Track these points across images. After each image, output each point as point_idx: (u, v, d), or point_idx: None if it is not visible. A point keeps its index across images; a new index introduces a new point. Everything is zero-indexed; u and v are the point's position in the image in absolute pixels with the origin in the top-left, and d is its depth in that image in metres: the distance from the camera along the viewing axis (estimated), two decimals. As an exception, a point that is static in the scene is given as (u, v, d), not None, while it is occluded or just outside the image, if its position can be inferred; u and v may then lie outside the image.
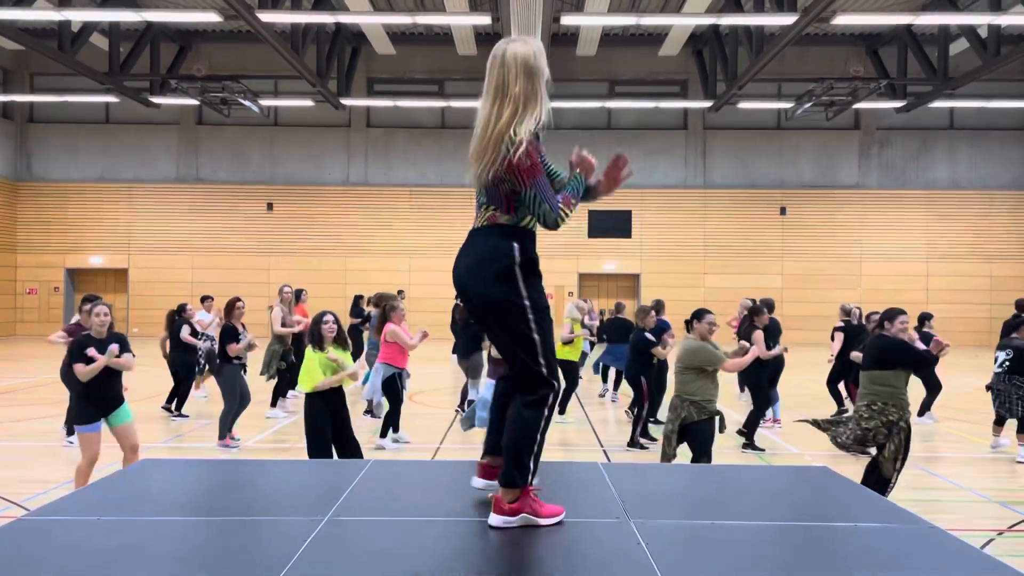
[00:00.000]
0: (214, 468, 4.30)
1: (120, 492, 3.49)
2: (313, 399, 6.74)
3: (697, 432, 6.62)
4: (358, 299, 15.75)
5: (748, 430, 9.31)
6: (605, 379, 13.59)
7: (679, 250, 25.88)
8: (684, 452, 6.72)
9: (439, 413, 9.52)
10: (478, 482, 3.19)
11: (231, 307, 9.39)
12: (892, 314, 6.42)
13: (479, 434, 10.15)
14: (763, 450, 9.20)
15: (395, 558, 2.66)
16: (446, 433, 9.55)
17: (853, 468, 8.03)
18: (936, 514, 6.42)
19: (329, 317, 6.98)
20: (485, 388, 6.29)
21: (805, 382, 14.04)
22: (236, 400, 9.08)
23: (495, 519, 2.90)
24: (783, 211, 25.93)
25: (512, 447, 2.92)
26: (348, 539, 2.84)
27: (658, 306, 11.02)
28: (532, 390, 2.92)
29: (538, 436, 2.93)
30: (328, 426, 6.73)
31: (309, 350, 6.85)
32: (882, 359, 6.22)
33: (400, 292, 14.83)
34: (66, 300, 26.16)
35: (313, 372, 6.73)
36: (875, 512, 3.27)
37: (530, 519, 2.90)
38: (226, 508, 3.29)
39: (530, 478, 2.93)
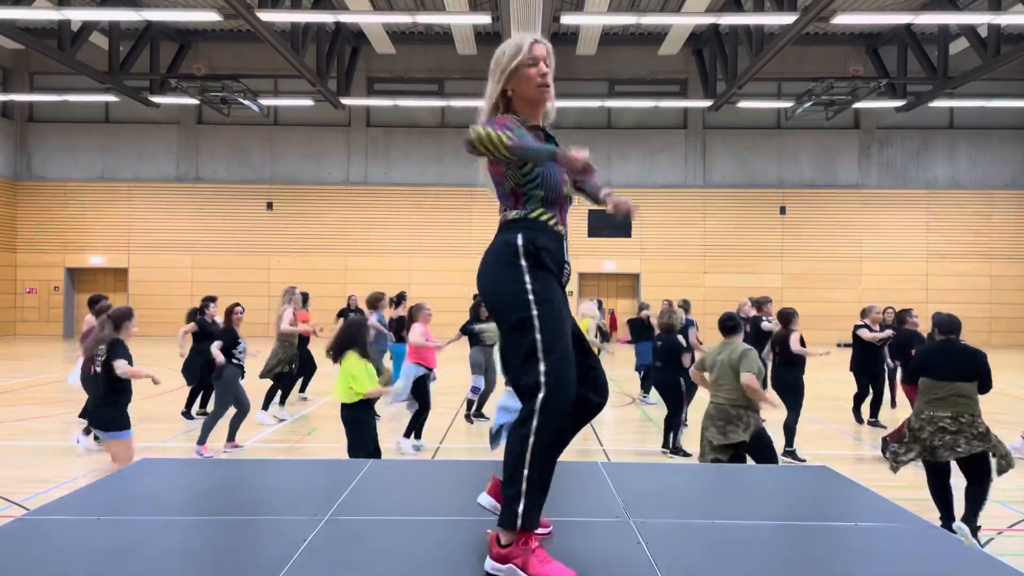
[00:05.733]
0: (214, 468, 4.30)
1: (120, 492, 3.48)
2: (362, 407, 6.73)
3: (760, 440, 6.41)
4: (351, 299, 15.58)
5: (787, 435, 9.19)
6: (646, 388, 12.88)
7: (679, 249, 25.88)
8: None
9: (440, 412, 9.53)
10: (484, 499, 2.92)
11: (229, 312, 9.27)
12: (957, 325, 6.49)
13: (479, 434, 10.16)
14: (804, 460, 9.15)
15: (395, 558, 2.66)
16: (446, 432, 9.55)
17: (853, 468, 8.04)
18: (936, 513, 6.41)
19: (372, 320, 6.97)
20: (505, 395, 6.17)
21: (807, 381, 14.00)
22: (227, 406, 8.91)
23: (488, 563, 2.54)
24: (783, 211, 25.92)
25: (505, 476, 2.52)
26: (348, 539, 2.84)
27: (686, 306, 11.07)
28: (528, 400, 2.52)
29: (524, 470, 2.46)
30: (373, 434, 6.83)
31: (357, 356, 6.72)
32: (970, 368, 6.24)
33: (402, 293, 14.74)
34: (66, 299, 26.16)
35: (365, 379, 6.64)
36: (875, 511, 3.27)
37: (515, 572, 2.48)
38: (226, 508, 3.28)
39: (519, 521, 2.46)
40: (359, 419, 6.73)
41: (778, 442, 9.43)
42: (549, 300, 2.60)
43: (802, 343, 9.23)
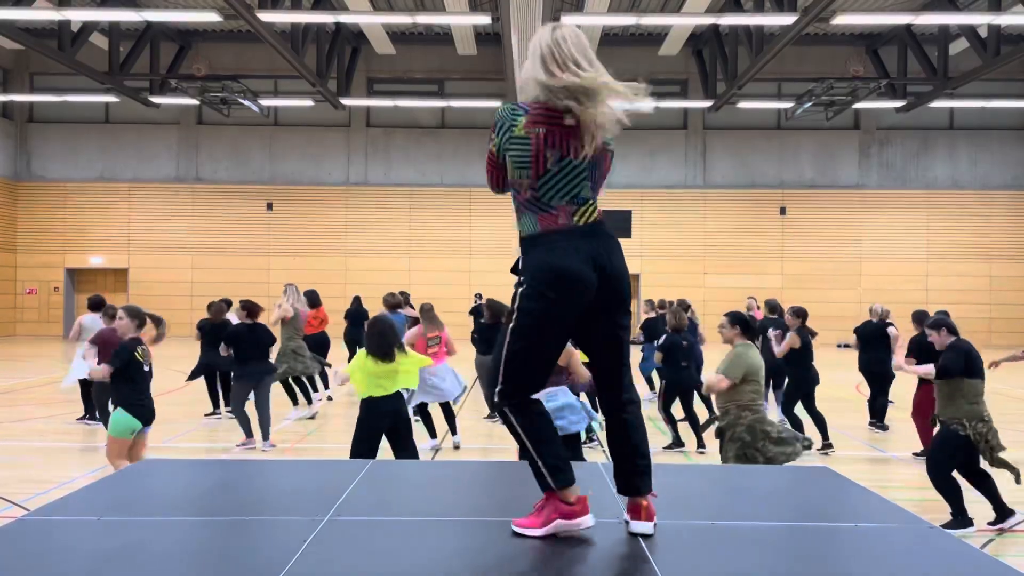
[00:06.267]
0: (214, 468, 4.30)
1: (120, 492, 3.49)
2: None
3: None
4: (358, 300, 15.60)
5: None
6: (652, 385, 13.03)
7: (679, 250, 25.88)
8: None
9: (440, 412, 9.54)
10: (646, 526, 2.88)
11: (259, 310, 9.48)
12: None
13: (482, 433, 10.16)
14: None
15: (395, 558, 2.66)
16: (447, 433, 9.55)
17: (853, 468, 8.04)
18: (936, 514, 6.41)
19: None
20: (563, 394, 6.20)
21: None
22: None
23: (648, 525, 2.87)
24: (783, 211, 25.93)
25: (645, 450, 2.93)
26: (348, 539, 2.84)
27: (686, 306, 11.09)
28: (629, 391, 2.94)
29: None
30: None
31: (405, 352, 6.73)
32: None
33: (403, 293, 14.76)
34: (66, 300, 26.16)
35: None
36: (875, 512, 3.27)
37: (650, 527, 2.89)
38: (226, 508, 3.28)
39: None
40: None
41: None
42: None
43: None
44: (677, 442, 9.28)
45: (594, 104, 2.71)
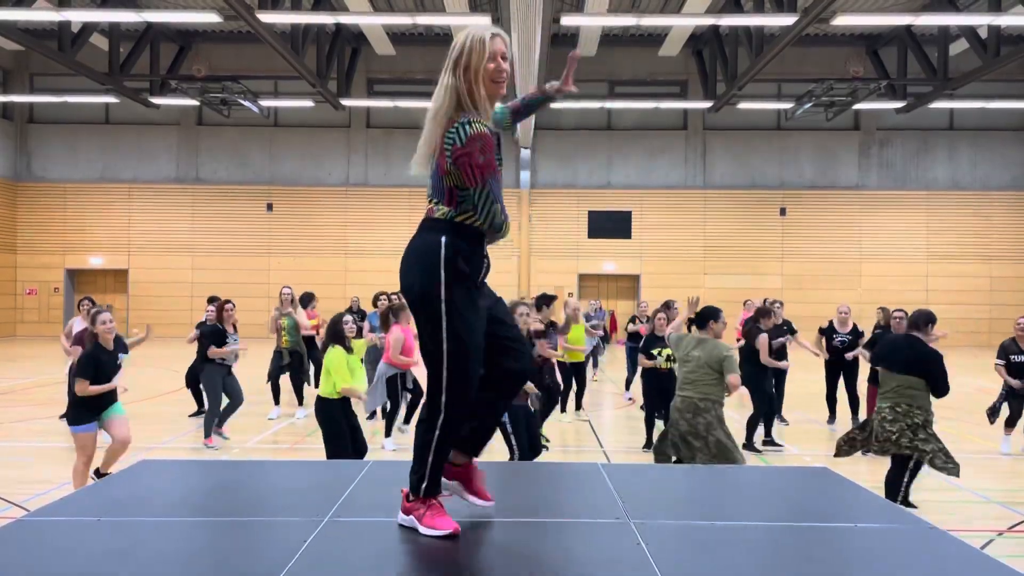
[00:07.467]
0: (214, 468, 4.30)
1: (120, 492, 3.49)
2: (334, 403, 6.69)
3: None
4: (354, 301, 15.62)
5: (748, 431, 9.33)
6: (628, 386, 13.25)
7: (679, 250, 25.88)
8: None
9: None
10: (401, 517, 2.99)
11: (220, 309, 9.62)
12: (929, 319, 6.41)
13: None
14: (759, 451, 9.25)
15: (395, 558, 2.66)
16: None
17: (853, 468, 8.04)
18: (935, 514, 6.42)
19: (348, 317, 7.08)
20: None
21: (805, 381, 14.03)
22: (218, 401, 9.30)
23: (399, 516, 2.94)
24: (783, 211, 25.92)
25: (413, 454, 2.89)
26: (348, 539, 2.84)
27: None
28: (428, 404, 2.81)
29: (428, 456, 2.82)
30: (348, 431, 6.73)
31: (338, 351, 6.75)
32: (918, 366, 6.20)
33: (397, 294, 14.76)
34: (66, 300, 26.16)
35: (342, 374, 6.64)
36: (875, 512, 3.27)
37: (415, 523, 2.86)
38: (226, 508, 3.29)
39: (422, 489, 2.84)
40: (330, 415, 6.70)
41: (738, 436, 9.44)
42: (463, 315, 2.75)
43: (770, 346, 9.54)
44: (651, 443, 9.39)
45: None
